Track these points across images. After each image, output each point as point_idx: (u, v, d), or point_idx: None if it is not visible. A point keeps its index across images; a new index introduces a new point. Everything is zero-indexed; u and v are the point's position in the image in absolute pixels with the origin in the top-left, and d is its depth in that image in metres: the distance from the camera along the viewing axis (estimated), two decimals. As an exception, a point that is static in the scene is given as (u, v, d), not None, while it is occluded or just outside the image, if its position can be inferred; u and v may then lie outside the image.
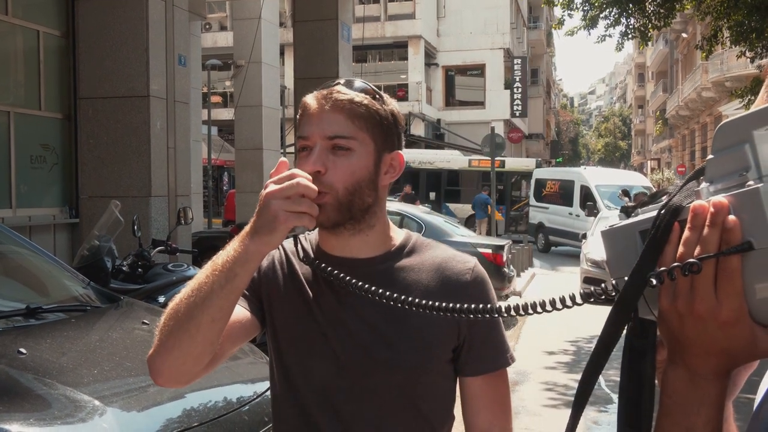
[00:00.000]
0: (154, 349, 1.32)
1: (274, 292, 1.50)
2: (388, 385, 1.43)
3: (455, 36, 35.35)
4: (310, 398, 1.46)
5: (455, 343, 1.46)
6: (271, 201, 1.23)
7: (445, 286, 1.47)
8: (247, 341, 1.52)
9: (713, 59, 28.90)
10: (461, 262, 1.51)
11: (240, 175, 16.37)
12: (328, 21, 12.90)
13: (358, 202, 1.40)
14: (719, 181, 0.75)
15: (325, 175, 1.35)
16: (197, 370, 1.35)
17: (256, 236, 1.24)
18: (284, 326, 1.49)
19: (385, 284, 1.39)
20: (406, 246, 1.52)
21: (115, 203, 5.45)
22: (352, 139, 1.38)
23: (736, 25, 11.17)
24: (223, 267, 1.26)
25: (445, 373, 1.48)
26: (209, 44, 28.67)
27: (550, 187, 22.45)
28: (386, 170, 1.45)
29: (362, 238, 1.46)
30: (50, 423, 2.45)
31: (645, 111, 71.53)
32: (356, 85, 1.43)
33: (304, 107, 1.43)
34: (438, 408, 1.50)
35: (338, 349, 1.43)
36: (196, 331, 1.27)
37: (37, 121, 8.03)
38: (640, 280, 0.78)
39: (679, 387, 0.79)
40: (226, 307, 1.28)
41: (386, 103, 1.46)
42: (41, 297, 3.88)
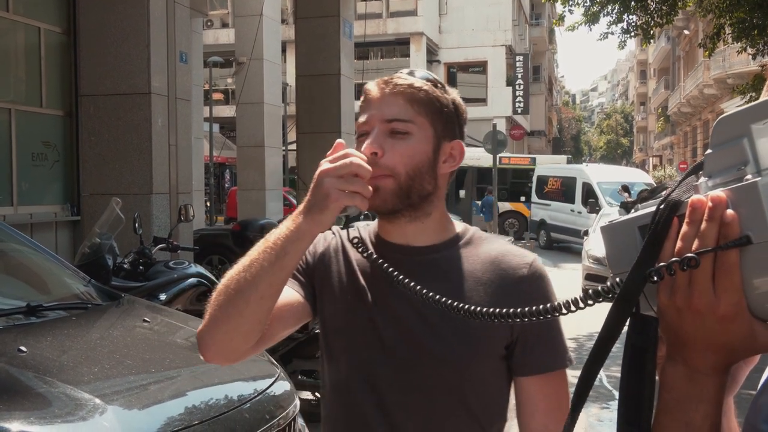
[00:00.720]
0: (204, 324, 1.33)
1: (327, 279, 1.49)
2: (435, 378, 1.40)
3: (457, 33, 35.30)
4: (356, 387, 1.44)
5: (508, 340, 1.42)
6: (323, 179, 1.22)
7: (499, 280, 1.43)
8: (298, 326, 1.51)
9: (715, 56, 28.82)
10: (518, 256, 1.47)
11: (242, 172, 16.34)
12: (330, 18, 12.88)
13: (418, 188, 1.38)
14: (718, 175, 0.75)
15: (382, 158, 1.34)
16: (245, 348, 1.35)
17: (308, 214, 1.24)
18: (334, 314, 1.47)
19: (438, 274, 1.41)
20: (463, 237, 1.49)
21: (116, 200, 5.44)
22: (410, 122, 1.37)
23: (738, 22, 11.16)
24: (274, 244, 1.26)
25: (496, 370, 1.44)
26: (211, 41, 28.64)
27: (552, 184, 22.43)
28: (445, 159, 1.43)
29: (418, 226, 1.44)
30: (51, 421, 2.44)
31: (647, 108, 71.45)
32: (418, 73, 1.43)
33: (366, 93, 1.42)
34: (487, 405, 1.45)
35: (387, 339, 1.41)
36: (244, 307, 1.27)
37: (39, 119, 8.02)
38: (641, 276, 0.77)
39: (677, 383, 0.79)
40: (276, 284, 1.28)
41: (447, 92, 1.45)
42: (42, 295, 3.87)
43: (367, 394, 1.43)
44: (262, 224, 9.23)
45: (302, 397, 4.98)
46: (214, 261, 11.16)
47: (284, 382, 3.27)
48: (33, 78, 8.04)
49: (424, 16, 32.89)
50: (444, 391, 1.41)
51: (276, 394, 3.13)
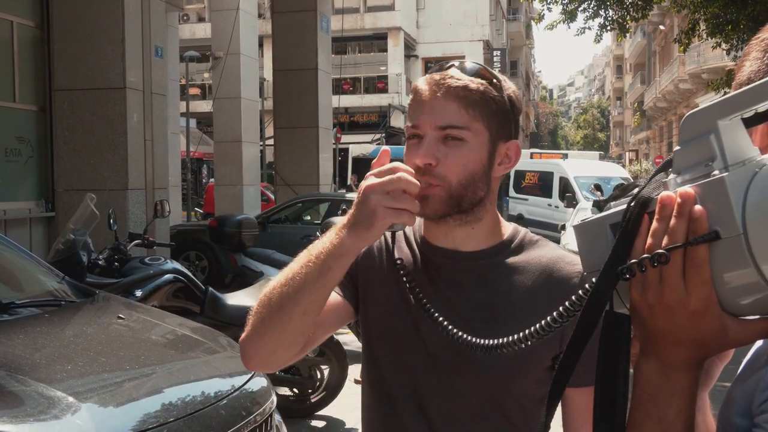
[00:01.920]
0: (247, 334, 1.31)
1: (371, 282, 1.45)
2: (477, 386, 1.37)
3: (434, 28, 35.35)
4: (397, 391, 1.41)
5: (556, 351, 1.36)
6: (370, 195, 1.18)
7: (550, 289, 1.36)
8: (341, 327, 1.49)
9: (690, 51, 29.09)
10: (570, 263, 1.39)
11: (219, 167, 16.28)
12: (307, 12, 12.85)
13: (470, 196, 1.33)
14: (686, 171, 0.76)
15: (436, 168, 1.29)
16: (288, 358, 1.35)
17: (353, 230, 1.19)
18: (377, 316, 1.44)
19: (486, 283, 1.37)
20: (513, 242, 1.43)
21: (91, 196, 5.38)
22: (465, 129, 1.30)
23: (713, 18, 11.25)
24: (317, 259, 1.22)
25: (541, 380, 1.38)
26: (187, 36, 28.44)
27: (529, 178, 22.49)
28: (500, 161, 1.37)
29: (467, 231, 1.38)
30: (23, 420, 2.41)
31: (623, 102, 71.95)
32: (470, 68, 1.34)
33: (416, 92, 1.35)
34: (529, 416, 1.40)
35: (430, 344, 1.37)
36: (288, 322, 1.25)
37: (12, 114, 7.92)
38: (613, 274, 0.78)
39: (650, 378, 0.79)
40: (319, 300, 1.25)
41: (504, 88, 1.36)
42: (14, 292, 3.82)
43: (409, 400, 1.40)
44: (240, 220, 9.20)
45: (279, 393, 4.96)
46: (191, 257, 11.09)
47: (261, 378, 3.25)
48: (6, 73, 7.93)
49: (401, 11, 32.89)
50: (486, 401, 1.37)
51: (253, 390, 3.12)
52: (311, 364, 5.53)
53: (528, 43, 57.44)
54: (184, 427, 2.64)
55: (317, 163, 13.64)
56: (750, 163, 0.72)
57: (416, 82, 1.36)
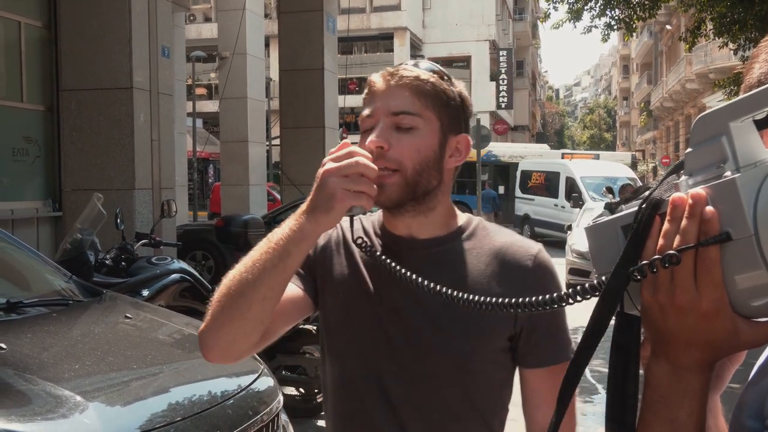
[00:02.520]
0: (206, 325, 1.31)
1: (329, 272, 1.47)
2: (439, 370, 1.40)
3: (441, 27, 35.33)
4: (360, 381, 1.43)
5: (511, 332, 1.41)
6: (328, 179, 1.20)
7: (503, 272, 1.41)
8: (300, 320, 1.50)
9: (697, 51, 29.02)
10: (523, 247, 1.45)
11: (225, 167, 16.29)
12: (314, 12, 12.85)
13: (424, 183, 1.36)
14: (698, 173, 0.76)
15: (389, 152, 1.32)
16: (247, 347, 1.34)
17: (312, 215, 1.22)
18: (337, 307, 1.46)
19: (442, 267, 1.39)
20: (467, 229, 1.48)
21: (98, 196, 5.40)
22: (417, 116, 1.34)
23: (719, 17, 11.22)
24: (276, 245, 1.23)
25: (499, 362, 1.43)
26: (194, 36, 28.50)
27: (535, 178, 22.46)
28: (451, 153, 1.41)
29: (422, 220, 1.42)
30: (31, 419, 2.42)
31: (630, 102, 71.78)
32: (424, 65, 1.40)
33: (370, 85, 1.39)
34: (490, 397, 1.45)
35: (390, 331, 1.40)
36: (247, 309, 1.25)
37: (19, 114, 7.94)
38: (624, 275, 0.77)
39: (662, 380, 0.79)
40: (278, 285, 1.26)
41: (454, 84, 1.42)
42: (22, 291, 3.84)
43: (372, 388, 1.42)
44: (246, 219, 9.22)
45: (286, 393, 4.97)
46: (198, 256, 11.11)
47: (267, 377, 3.26)
48: (13, 73, 7.96)
49: (407, 11, 32.89)
50: (448, 384, 1.40)
51: (259, 390, 3.12)
52: (317, 364, 5.53)
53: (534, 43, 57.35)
54: (191, 426, 2.65)
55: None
56: (762, 164, 0.72)
57: (370, 77, 1.41)
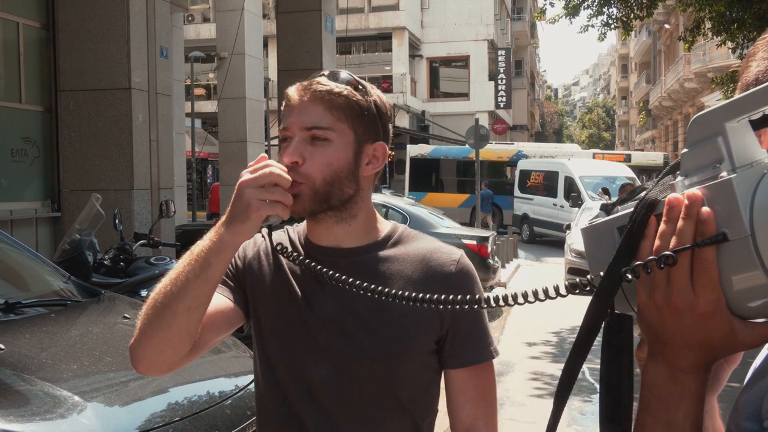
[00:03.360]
0: (135, 338, 1.35)
1: (258, 283, 1.50)
2: (368, 374, 1.43)
3: (439, 27, 35.30)
4: (293, 388, 1.45)
5: (438, 335, 1.45)
6: (244, 190, 1.25)
7: (428, 277, 1.45)
8: (231, 331, 1.51)
9: (695, 50, 29.03)
10: (446, 253, 1.49)
11: (224, 167, 16.28)
12: (312, 12, 12.85)
13: (337, 193, 1.40)
14: (694, 174, 0.76)
15: (302, 166, 1.36)
16: (177, 359, 1.37)
17: (230, 225, 1.26)
18: (267, 316, 1.48)
19: (368, 274, 1.41)
20: (392, 237, 1.51)
21: (96, 196, 5.40)
22: (329, 129, 1.38)
23: (718, 16, 11.22)
24: (198, 256, 1.28)
25: (427, 364, 1.47)
26: (192, 36, 28.48)
27: (534, 178, 22.47)
28: (368, 161, 1.45)
29: (345, 228, 1.46)
30: (29, 419, 2.42)
31: (628, 102, 71.79)
32: (340, 77, 1.43)
33: (287, 99, 1.43)
34: (419, 399, 1.48)
35: (321, 337, 1.43)
36: (172, 320, 1.29)
37: (18, 114, 7.94)
38: (616, 275, 0.77)
39: (659, 381, 0.79)
40: (202, 296, 1.29)
41: (369, 93, 1.45)
42: (21, 292, 3.84)
43: (302, 394, 1.45)
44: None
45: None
46: (197, 257, 11.08)
47: (266, 377, 3.25)
48: (12, 73, 7.96)
49: (406, 11, 32.85)
50: (377, 387, 1.43)
51: (258, 390, 3.12)
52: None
53: (533, 43, 57.36)
54: (189, 426, 2.65)
55: (322, 163, 13.62)
56: (758, 165, 0.72)
57: (287, 90, 1.45)
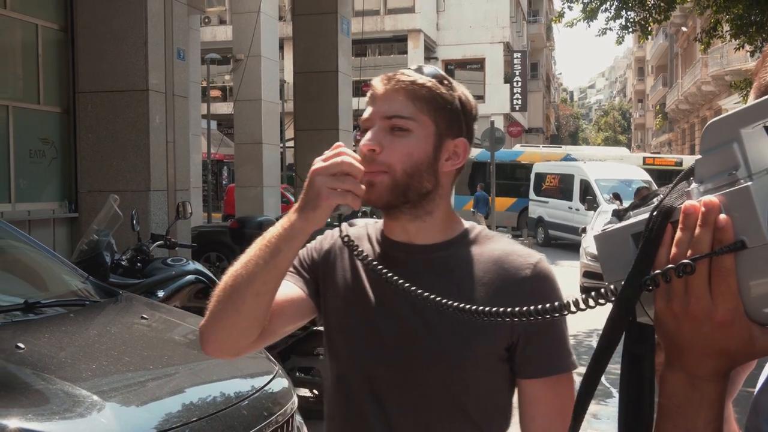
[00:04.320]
0: (205, 319, 1.36)
1: (331, 277, 1.50)
2: (431, 377, 1.40)
3: (455, 30, 35.29)
4: (357, 385, 1.44)
5: (508, 341, 1.39)
6: (315, 177, 1.25)
7: (502, 280, 1.40)
8: (302, 322, 1.52)
9: (713, 53, 28.86)
10: (523, 256, 1.43)
11: (239, 169, 16.34)
12: (328, 15, 12.87)
13: (416, 186, 1.38)
14: (709, 180, 0.75)
15: (380, 154, 1.35)
16: (245, 344, 1.38)
17: (301, 213, 1.26)
18: (336, 311, 1.48)
19: (440, 273, 1.40)
20: (468, 236, 1.47)
21: (114, 197, 5.44)
22: (410, 119, 1.37)
23: (736, 18, 11.15)
24: (269, 242, 1.29)
25: (494, 370, 1.41)
26: (208, 38, 28.60)
27: (549, 181, 22.40)
28: (448, 157, 1.42)
29: (420, 224, 1.43)
30: (49, 418, 2.44)
31: (645, 105, 71.45)
32: (425, 70, 1.42)
33: (371, 89, 1.43)
34: (484, 407, 1.43)
35: (386, 337, 1.41)
36: (241, 304, 1.30)
37: (36, 115, 8.01)
38: (636, 284, 0.76)
39: (677, 389, 0.78)
40: (270, 282, 1.30)
41: (454, 89, 1.43)
42: (40, 291, 3.87)
43: (366, 393, 1.43)
44: (260, 221, 9.25)
45: (300, 394, 4.98)
46: (212, 258, 11.15)
47: (282, 379, 3.27)
48: (30, 75, 8.02)
49: (421, 13, 32.86)
50: (439, 390, 1.40)
51: (274, 391, 3.13)
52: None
53: (549, 45, 57.22)
54: (206, 426, 2.66)
55: (337, 166, 13.63)
56: None
57: (372, 80, 1.45)
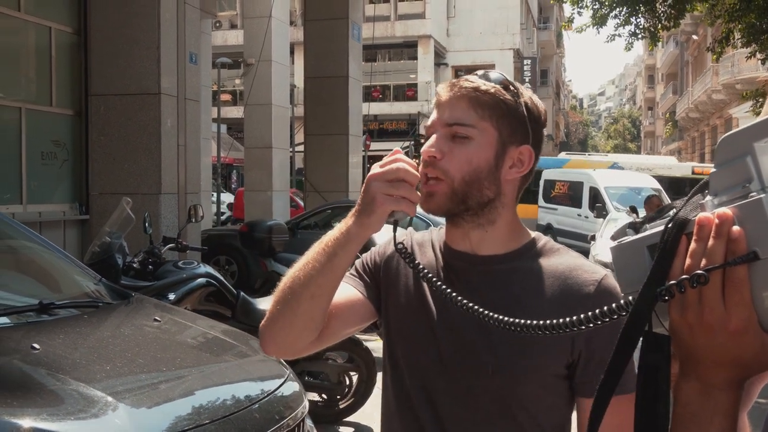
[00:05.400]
0: (265, 319, 1.39)
1: (392, 282, 1.50)
2: (486, 389, 1.38)
3: (465, 36, 35.33)
4: (413, 392, 1.45)
5: (568, 359, 1.36)
6: (371, 183, 1.26)
7: (564, 296, 1.37)
8: (362, 326, 1.52)
9: (724, 61, 28.77)
10: (588, 272, 1.39)
11: (249, 173, 16.38)
12: (339, 20, 12.92)
13: (476, 194, 1.36)
14: (723, 193, 0.77)
15: (440, 161, 1.34)
16: (303, 345, 1.41)
17: (358, 218, 1.28)
18: (396, 317, 1.48)
19: (499, 285, 1.39)
20: (533, 248, 1.44)
21: (126, 200, 5.46)
22: (471, 127, 1.35)
23: (748, 27, 11.14)
24: (326, 246, 1.31)
25: (553, 387, 1.38)
26: (219, 42, 28.69)
27: (558, 188, 22.35)
28: (512, 164, 1.38)
29: (482, 234, 1.41)
30: (63, 418, 2.46)
31: (654, 113, 71.25)
32: (491, 76, 1.39)
33: (436, 96, 1.44)
34: (540, 424, 1.41)
35: (442, 346, 1.41)
36: (297, 306, 1.33)
37: (48, 118, 8.06)
38: (651, 295, 0.78)
39: (692, 398, 0.79)
40: (326, 285, 1.32)
41: (520, 95, 1.39)
42: (53, 293, 3.89)
43: (422, 402, 1.43)
44: (270, 225, 9.25)
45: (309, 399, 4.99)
46: (221, 261, 11.17)
47: (293, 382, 3.27)
48: (43, 77, 8.08)
49: (432, 19, 32.91)
50: (495, 405, 1.39)
51: (285, 395, 3.14)
52: (341, 371, 5.54)
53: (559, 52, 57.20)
54: (218, 429, 2.67)
55: (347, 170, 13.69)
56: None
57: (437, 87, 1.45)
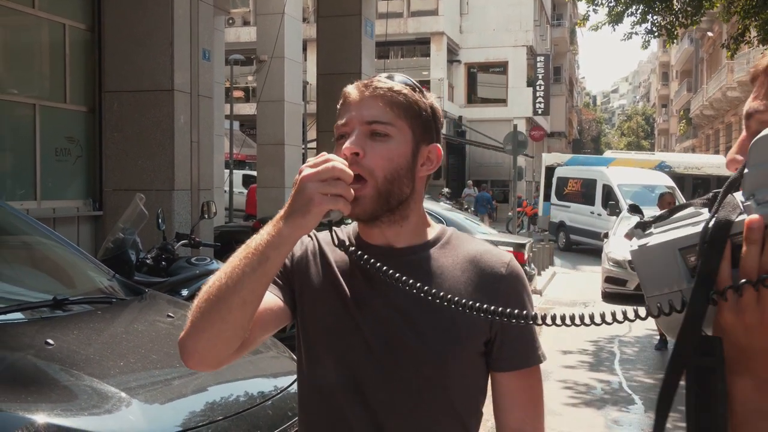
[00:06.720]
0: (186, 331, 1.33)
1: (307, 282, 1.50)
2: (418, 374, 1.42)
3: (478, 33, 35.23)
4: (338, 388, 1.45)
5: (487, 336, 1.45)
6: (306, 184, 1.24)
7: (477, 279, 1.46)
8: (277, 330, 1.52)
9: (739, 58, 28.57)
10: (496, 256, 1.50)
11: (261, 169, 16.40)
12: (352, 17, 12.90)
13: (397, 192, 1.41)
14: (761, 193, 0.77)
15: (363, 159, 1.36)
16: (227, 355, 1.36)
17: (290, 219, 1.25)
18: (315, 315, 1.48)
19: (418, 274, 1.40)
20: (441, 238, 1.52)
21: (140, 196, 5.48)
22: (390, 125, 1.40)
23: (764, 24, 11.04)
24: (255, 250, 1.27)
25: (475, 365, 1.47)
26: (232, 39, 28.75)
27: (571, 185, 22.29)
28: (423, 162, 1.46)
29: (397, 229, 1.47)
30: (77, 414, 2.46)
31: (668, 110, 70.88)
32: (397, 78, 1.46)
33: (345, 96, 1.45)
34: (467, 401, 1.48)
35: (370, 338, 1.43)
36: (227, 313, 1.28)
37: (62, 114, 8.09)
38: (704, 298, 0.79)
39: (749, 395, 0.81)
40: (258, 290, 1.29)
41: (426, 96, 1.48)
42: (68, 288, 3.90)
43: (351, 395, 1.44)
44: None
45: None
46: (234, 258, 11.17)
47: (306, 379, 3.27)
48: (57, 74, 8.11)
49: (445, 16, 32.84)
50: (427, 388, 1.43)
51: (298, 391, 3.14)
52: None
53: (572, 49, 56.95)
54: (231, 425, 2.68)
55: (359, 167, 13.67)
56: None
57: (345, 88, 1.46)
